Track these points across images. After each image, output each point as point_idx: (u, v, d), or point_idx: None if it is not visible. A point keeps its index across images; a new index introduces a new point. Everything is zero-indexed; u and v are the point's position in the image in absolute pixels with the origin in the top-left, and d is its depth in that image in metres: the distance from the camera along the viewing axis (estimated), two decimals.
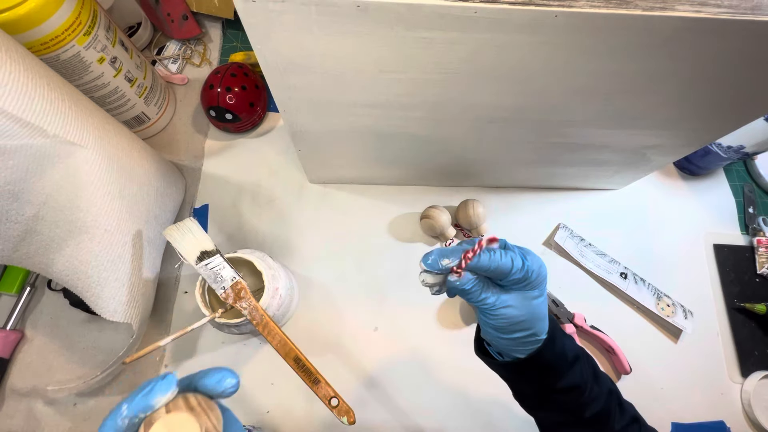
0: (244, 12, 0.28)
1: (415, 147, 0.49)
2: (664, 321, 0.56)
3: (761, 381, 0.54)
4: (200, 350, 0.52)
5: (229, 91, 0.57)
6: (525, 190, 0.63)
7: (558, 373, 0.32)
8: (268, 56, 0.32)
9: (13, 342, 0.51)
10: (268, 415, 0.50)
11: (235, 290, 0.41)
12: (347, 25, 0.29)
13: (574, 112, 0.41)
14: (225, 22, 0.70)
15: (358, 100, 0.39)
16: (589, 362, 0.34)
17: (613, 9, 0.27)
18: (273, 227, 0.59)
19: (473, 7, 0.27)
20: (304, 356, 0.39)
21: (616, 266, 0.59)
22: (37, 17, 0.40)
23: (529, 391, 0.35)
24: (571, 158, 0.52)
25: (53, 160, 0.36)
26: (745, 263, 0.62)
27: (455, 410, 0.52)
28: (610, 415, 0.33)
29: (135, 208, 0.45)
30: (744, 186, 0.66)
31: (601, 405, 0.32)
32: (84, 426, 0.49)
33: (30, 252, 0.41)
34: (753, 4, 0.28)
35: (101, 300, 0.43)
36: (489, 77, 0.35)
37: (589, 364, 0.34)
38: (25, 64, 0.33)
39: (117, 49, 0.50)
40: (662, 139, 0.47)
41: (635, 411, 0.35)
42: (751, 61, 0.33)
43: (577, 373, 0.32)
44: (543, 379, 0.32)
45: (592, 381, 0.32)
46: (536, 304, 0.30)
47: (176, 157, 0.62)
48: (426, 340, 0.55)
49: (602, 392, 0.33)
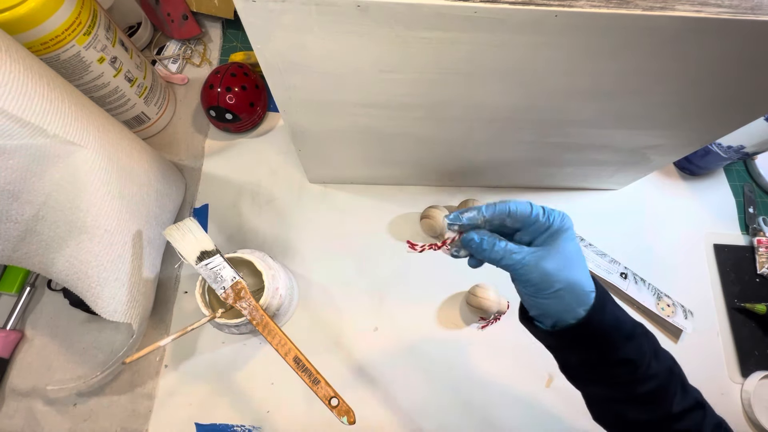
0: (244, 12, 0.28)
1: (415, 147, 0.49)
2: (664, 321, 0.56)
3: (761, 381, 0.54)
4: (200, 350, 0.52)
5: (229, 91, 0.57)
6: (525, 190, 0.63)
7: (611, 345, 0.30)
8: (268, 56, 0.32)
9: (13, 342, 0.51)
10: (268, 415, 0.50)
11: (235, 290, 0.41)
12: (347, 24, 0.29)
13: (575, 112, 0.41)
14: (225, 21, 0.70)
15: (358, 100, 0.39)
16: (649, 338, 0.32)
17: (613, 9, 0.27)
18: (273, 227, 0.59)
19: (473, 6, 0.27)
20: (304, 356, 0.39)
21: (616, 266, 0.59)
22: (37, 17, 0.40)
23: (576, 362, 0.32)
24: (571, 158, 0.52)
25: (53, 160, 0.36)
26: (745, 263, 0.62)
27: (455, 410, 0.52)
28: (668, 394, 0.30)
29: (135, 208, 0.45)
30: (744, 186, 0.66)
31: (658, 383, 0.30)
32: (84, 426, 0.49)
33: (30, 252, 0.41)
34: (753, 4, 0.28)
35: (101, 300, 0.43)
36: (489, 77, 0.34)
37: (650, 339, 0.32)
38: (25, 64, 0.33)
39: (117, 48, 0.50)
40: (662, 139, 0.47)
41: (702, 397, 0.32)
42: (752, 61, 0.33)
43: (633, 346, 0.30)
44: (594, 349, 0.30)
45: (651, 357, 0.30)
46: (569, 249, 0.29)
47: (176, 157, 0.62)
48: (426, 340, 0.55)
49: (661, 370, 0.30)
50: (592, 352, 0.30)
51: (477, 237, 0.31)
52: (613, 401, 0.32)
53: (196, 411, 0.50)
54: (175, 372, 0.51)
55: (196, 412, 0.50)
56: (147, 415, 0.49)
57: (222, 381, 0.51)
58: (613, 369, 0.30)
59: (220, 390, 0.51)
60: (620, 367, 0.30)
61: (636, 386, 0.30)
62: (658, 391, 0.30)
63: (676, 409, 0.30)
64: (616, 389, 0.31)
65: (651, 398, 0.30)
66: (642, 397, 0.30)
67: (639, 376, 0.30)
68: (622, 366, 0.30)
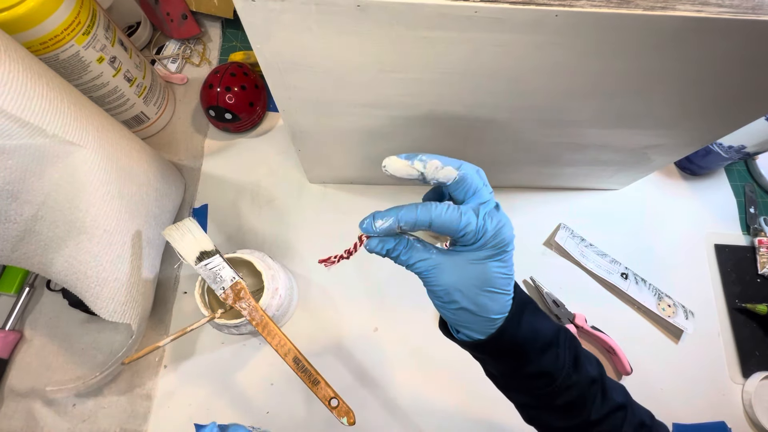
0: (243, 11, 0.28)
1: (415, 147, 0.49)
2: (664, 321, 0.56)
3: (762, 381, 0.54)
4: (199, 351, 0.52)
5: (229, 91, 0.57)
6: (525, 190, 0.63)
7: (525, 357, 0.29)
8: (268, 56, 0.32)
9: (12, 342, 0.50)
10: (268, 415, 0.50)
11: (235, 290, 0.41)
12: (347, 24, 0.28)
13: (575, 112, 0.41)
14: (224, 21, 0.70)
15: (358, 100, 0.39)
16: (571, 348, 0.31)
17: (614, 8, 0.27)
18: (273, 227, 0.59)
19: (474, 6, 0.27)
20: (303, 357, 0.39)
21: (617, 266, 0.59)
22: (36, 17, 0.40)
23: (496, 372, 0.32)
24: (571, 158, 0.52)
25: (52, 159, 0.36)
26: (746, 263, 0.61)
27: (455, 411, 0.52)
28: (587, 404, 0.30)
29: (134, 208, 0.45)
30: (745, 186, 0.66)
31: (577, 392, 0.30)
32: (83, 426, 0.49)
33: (29, 252, 0.41)
34: (754, 4, 0.28)
35: (100, 300, 0.42)
36: (489, 77, 0.34)
37: (571, 349, 0.30)
38: (24, 64, 0.33)
39: (116, 48, 0.50)
40: (663, 138, 0.47)
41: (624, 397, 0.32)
42: (753, 61, 0.33)
43: (549, 359, 0.29)
44: (508, 361, 0.30)
45: (569, 368, 0.29)
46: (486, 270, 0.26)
47: (175, 157, 0.61)
48: (426, 340, 0.54)
49: (580, 381, 0.30)
50: (507, 364, 0.30)
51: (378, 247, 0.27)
52: (534, 408, 0.32)
53: (195, 412, 0.50)
54: (174, 373, 0.51)
55: (196, 413, 0.50)
56: (146, 415, 0.49)
57: (222, 381, 0.51)
58: (530, 381, 0.30)
59: (219, 390, 0.51)
60: (537, 379, 0.30)
61: (554, 397, 0.30)
62: (576, 401, 0.30)
63: (595, 416, 0.30)
64: (536, 399, 0.31)
65: (569, 407, 0.30)
66: (560, 407, 0.30)
67: (556, 388, 0.29)
68: (538, 378, 0.29)
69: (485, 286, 0.26)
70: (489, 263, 0.26)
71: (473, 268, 0.26)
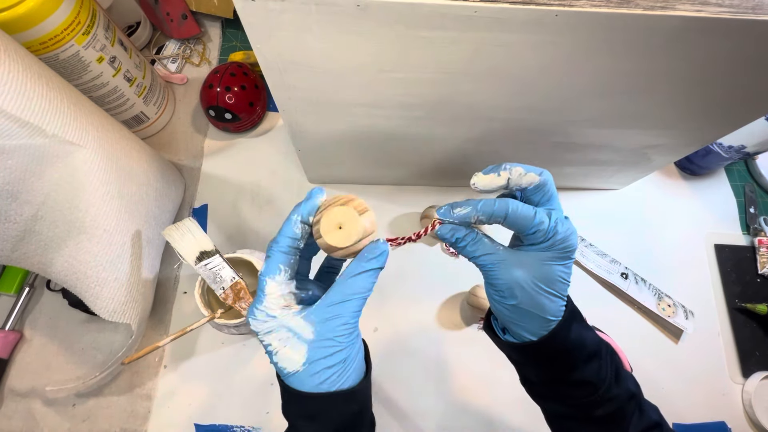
0: (243, 11, 0.28)
1: (415, 147, 0.49)
2: (665, 321, 0.56)
3: (762, 381, 0.54)
4: (199, 351, 0.52)
5: (229, 91, 0.57)
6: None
7: (571, 364, 0.29)
8: (268, 56, 0.32)
9: (12, 342, 0.50)
10: (267, 415, 0.50)
11: (235, 290, 0.41)
12: (347, 24, 0.28)
13: (575, 112, 0.41)
14: (224, 21, 0.70)
15: (358, 100, 0.39)
16: (613, 360, 0.31)
17: (614, 8, 0.27)
18: (273, 227, 0.59)
19: (473, 6, 0.27)
20: None
21: (617, 266, 0.59)
22: (36, 16, 0.40)
23: (536, 378, 0.32)
24: (571, 158, 0.52)
25: (52, 159, 0.36)
26: (746, 263, 0.61)
27: (455, 411, 0.52)
28: (625, 417, 0.30)
29: (134, 208, 0.45)
30: (745, 186, 0.66)
31: (616, 405, 0.29)
32: (83, 426, 0.49)
33: (29, 252, 0.41)
34: (754, 4, 0.28)
35: (100, 300, 0.42)
36: (489, 77, 0.34)
37: (613, 362, 0.31)
38: (24, 64, 0.33)
39: (116, 48, 0.50)
40: (663, 138, 0.47)
41: (659, 416, 0.32)
42: (752, 61, 0.33)
43: (593, 369, 0.29)
44: (553, 367, 0.29)
45: (611, 380, 0.30)
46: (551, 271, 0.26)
47: (175, 156, 0.61)
48: (426, 340, 0.54)
49: (620, 394, 0.30)
50: (552, 370, 0.30)
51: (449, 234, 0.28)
52: (570, 419, 0.31)
53: (195, 411, 0.50)
54: (174, 372, 0.51)
55: (196, 413, 0.50)
56: (146, 415, 0.49)
57: (222, 381, 0.51)
58: (572, 389, 0.30)
59: (219, 390, 0.51)
60: (579, 388, 0.29)
61: (594, 408, 0.29)
62: (616, 414, 0.30)
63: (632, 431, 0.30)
64: (575, 409, 0.30)
65: (608, 420, 0.30)
66: (599, 419, 0.30)
67: (597, 398, 0.29)
68: (581, 387, 0.29)
69: (546, 286, 0.27)
70: (554, 266, 0.27)
71: (538, 267, 0.27)
